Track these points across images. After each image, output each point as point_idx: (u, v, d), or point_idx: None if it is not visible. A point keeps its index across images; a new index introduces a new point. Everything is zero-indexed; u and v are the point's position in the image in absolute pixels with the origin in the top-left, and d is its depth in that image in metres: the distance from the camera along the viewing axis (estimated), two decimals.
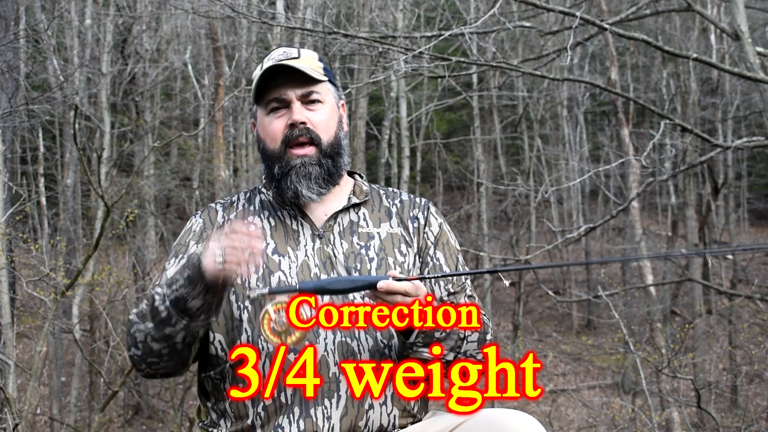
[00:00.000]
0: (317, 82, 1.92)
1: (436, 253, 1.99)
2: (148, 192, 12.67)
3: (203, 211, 2.02)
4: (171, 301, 1.75)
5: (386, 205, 2.01)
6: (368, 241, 1.92)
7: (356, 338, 1.82)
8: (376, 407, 1.82)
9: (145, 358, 1.83)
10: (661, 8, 8.17)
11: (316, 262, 1.88)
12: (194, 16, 12.03)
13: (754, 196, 23.21)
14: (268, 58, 1.95)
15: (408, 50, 6.01)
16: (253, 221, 1.93)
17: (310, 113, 1.91)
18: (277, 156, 1.91)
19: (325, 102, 1.94)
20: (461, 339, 1.86)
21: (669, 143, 12.16)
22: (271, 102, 1.92)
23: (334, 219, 1.94)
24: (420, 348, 1.81)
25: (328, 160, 1.92)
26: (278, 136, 1.91)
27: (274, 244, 1.90)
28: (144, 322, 1.80)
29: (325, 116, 1.93)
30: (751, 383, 11.59)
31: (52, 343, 10.19)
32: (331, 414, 1.79)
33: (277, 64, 1.89)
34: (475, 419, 1.75)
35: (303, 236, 1.91)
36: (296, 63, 1.91)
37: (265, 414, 1.81)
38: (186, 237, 1.98)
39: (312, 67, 1.93)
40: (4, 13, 7.78)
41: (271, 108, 1.93)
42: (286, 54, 1.94)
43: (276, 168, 1.91)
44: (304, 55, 1.95)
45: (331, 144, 1.93)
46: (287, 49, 1.96)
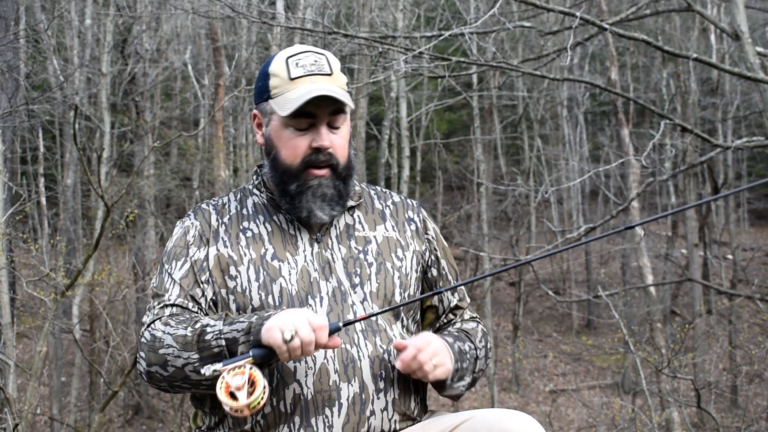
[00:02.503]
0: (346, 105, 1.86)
1: (441, 262, 2.01)
2: (148, 192, 12.68)
3: (195, 213, 1.97)
4: (226, 340, 1.72)
5: (379, 207, 1.99)
6: (366, 245, 1.91)
7: (356, 344, 1.81)
8: (377, 413, 1.81)
9: (172, 381, 1.79)
10: (661, 8, 8.17)
11: (315, 267, 1.86)
12: (194, 16, 12.03)
13: (754, 196, 23.21)
14: (298, 64, 1.86)
15: (408, 50, 6.01)
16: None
17: (333, 137, 1.86)
18: (295, 174, 1.86)
19: (346, 122, 1.90)
20: (475, 359, 1.92)
21: (669, 143, 12.16)
22: (299, 116, 1.84)
23: (330, 222, 1.92)
24: (458, 382, 1.87)
25: (340, 182, 1.88)
26: (299, 155, 1.85)
27: (272, 249, 1.87)
28: (187, 350, 1.74)
29: (344, 140, 1.89)
30: (751, 383, 11.60)
31: (52, 343, 10.19)
32: (332, 422, 1.77)
33: (327, 95, 1.80)
34: (475, 420, 1.75)
35: (301, 241, 1.89)
36: (332, 84, 1.84)
37: (265, 423, 1.79)
38: (184, 239, 1.92)
39: (342, 86, 1.87)
40: (4, 13, 7.78)
41: (296, 123, 1.86)
42: (318, 66, 1.86)
43: (293, 185, 1.87)
44: (335, 69, 1.87)
45: (345, 166, 1.89)
46: (317, 58, 1.87)
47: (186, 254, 1.89)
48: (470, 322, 2.02)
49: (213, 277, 1.86)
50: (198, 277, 1.86)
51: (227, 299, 1.84)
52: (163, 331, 1.77)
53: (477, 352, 1.92)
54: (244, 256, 1.86)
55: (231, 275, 1.85)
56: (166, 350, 1.76)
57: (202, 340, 1.73)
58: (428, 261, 1.99)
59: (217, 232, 1.91)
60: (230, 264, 1.86)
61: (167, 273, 1.88)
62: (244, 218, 1.93)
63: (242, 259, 1.86)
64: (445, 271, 2.01)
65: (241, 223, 1.92)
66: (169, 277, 1.87)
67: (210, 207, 1.97)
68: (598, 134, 20.73)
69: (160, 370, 1.77)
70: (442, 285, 1.99)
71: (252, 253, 1.86)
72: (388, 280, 1.87)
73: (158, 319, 1.81)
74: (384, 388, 1.82)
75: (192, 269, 1.87)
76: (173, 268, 1.88)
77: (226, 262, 1.86)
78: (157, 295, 1.87)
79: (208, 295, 1.85)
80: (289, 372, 1.78)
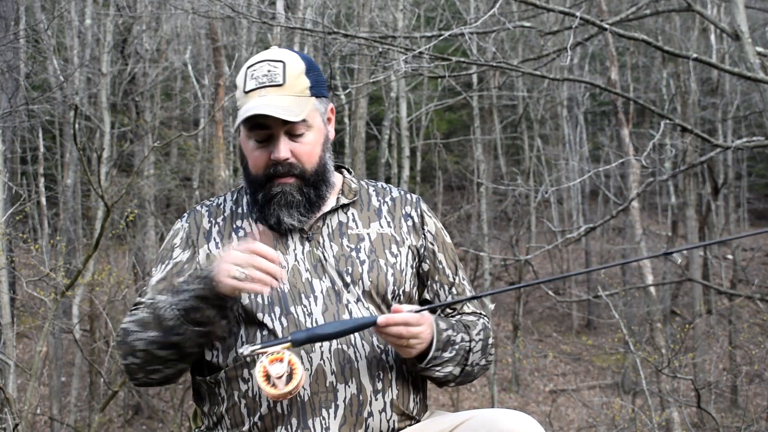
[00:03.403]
0: (300, 120, 1.82)
1: (438, 255, 1.98)
2: (148, 192, 12.67)
3: (189, 214, 1.99)
4: (180, 310, 1.74)
5: (375, 205, 1.97)
6: (358, 242, 1.89)
7: (353, 345, 1.80)
8: (375, 414, 1.80)
9: (144, 366, 1.81)
10: (661, 8, 8.17)
11: (307, 266, 1.85)
12: (194, 16, 12.03)
13: (754, 196, 23.22)
14: (252, 75, 1.84)
15: (408, 50, 6.01)
16: (263, 231, 1.89)
17: (294, 145, 1.84)
18: (260, 183, 1.87)
19: (311, 127, 1.86)
20: (467, 352, 1.88)
21: (669, 143, 12.17)
22: (254, 129, 1.84)
23: (322, 220, 1.90)
24: (433, 368, 1.84)
25: (310, 189, 1.87)
26: (261, 167, 1.85)
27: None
28: (146, 330, 1.78)
29: (309, 146, 1.85)
30: (751, 383, 11.60)
31: (52, 343, 10.19)
32: (329, 424, 1.76)
33: (260, 112, 1.78)
34: (475, 420, 1.75)
35: (292, 240, 1.88)
36: (280, 95, 1.82)
37: (262, 424, 1.79)
38: (171, 242, 1.95)
39: (297, 93, 1.83)
40: (4, 13, 7.78)
41: (254, 135, 1.85)
42: (270, 76, 1.83)
43: (260, 194, 1.87)
44: (290, 77, 1.83)
45: (315, 172, 1.87)
46: (271, 67, 1.84)
47: (170, 257, 1.92)
48: (470, 316, 2.00)
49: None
50: (173, 280, 1.88)
51: None
52: (127, 321, 1.83)
53: (470, 345, 1.89)
54: None
55: None
56: (131, 337, 1.80)
57: (157, 315, 1.76)
58: (422, 255, 1.96)
59: (210, 233, 1.92)
60: None
61: (150, 276, 1.93)
62: (238, 217, 1.93)
63: None
64: (442, 265, 1.98)
65: (234, 222, 1.93)
66: (149, 281, 1.91)
67: (204, 209, 1.98)
68: (598, 134, 20.73)
69: (133, 359, 1.81)
70: (437, 279, 1.97)
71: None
72: (381, 278, 1.86)
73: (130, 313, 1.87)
74: (382, 389, 1.81)
75: (171, 272, 1.89)
76: (156, 271, 1.92)
77: None
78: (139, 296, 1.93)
79: None
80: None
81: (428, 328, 1.78)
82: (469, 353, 1.89)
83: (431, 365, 1.82)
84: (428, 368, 1.83)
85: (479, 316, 2.01)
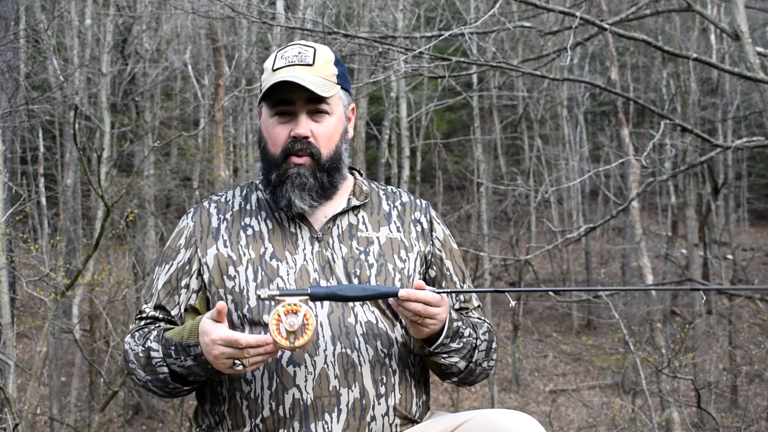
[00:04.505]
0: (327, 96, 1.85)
1: (446, 263, 1.98)
2: (148, 192, 12.67)
3: (195, 211, 1.98)
4: (171, 371, 1.79)
5: (385, 209, 1.97)
6: (368, 246, 1.89)
7: (356, 349, 1.79)
8: (378, 419, 1.80)
9: (148, 389, 1.88)
10: (661, 8, 8.17)
11: (315, 267, 1.85)
12: (194, 16, 12.03)
13: (754, 196, 23.21)
14: (282, 56, 1.87)
15: (408, 50, 6.00)
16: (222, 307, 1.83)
17: (314, 125, 1.85)
18: (276, 163, 1.87)
19: (332, 113, 1.88)
20: (473, 348, 1.89)
21: (669, 143, 12.15)
22: (278, 105, 1.86)
23: (333, 221, 1.90)
24: (440, 354, 1.84)
25: (324, 174, 1.87)
26: (279, 144, 1.86)
27: (272, 248, 1.86)
28: (141, 369, 1.83)
29: (329, 129, 1.87)
30: (751, 383, 11.58)
31: (52, 343, 10.19)
32: (332, 428, 1.76)
33: (289, 80, 1.81)
34: (475, 420, 1.75)
35: (301, 239, 1.88)
36: (309, 73, 1.83)
37: (264, 427, 1.79)
38: (177, 242, 1.94)
39: (325, 76, 1.86)
40: (4, 13, 7.78)
41: (277, 111, 1.87)
42: (300, 57, 1.86)
43: (274, 174, 1.87)
44: (320, 60, 1.86)
45: (330, 158, 1.88)
46: (302, 50, 1.88)
47: (174, 257, 1.92)
48: (476, 319, 2.01)
49: (212, 278, 1.87)
50: (179, 282, 1.88)
51: (225, 299, 1.84)
52: (129, 345, 1.86)
53: (476, 342, 1.89)
54: (244, 256, 1.86)
55: (230, 275, 1.85)
56: (131, 365, 1.85)
57: (150, 364, 1.80)
58: (430, 261, 1.96)
59: (218, 230, 1.91)
60: (229, 264, 1.86)
61: (154, 277, 1.93)
62: (247, 214, 1.92)
63: (241, 259, 1.85)
64: (449, 272, 1.98)
65: (243, 219, 1.91)
66: (153, 284, 1.92)
67: (212, 205, 1.97)
68: (598, 134, 20.73)
69: (134, 377, 1.87)
70: (444, 286, 1.97)
71: (251, 253, 1.86)
72: (389, 282, 1.85)
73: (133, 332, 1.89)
74: (385, 393, 1.81)
75: (176, 273, 1.89)
76: (160, 272, 1.92)
77: (226, 262, 1.86)
78: (144, 302, 1.94)
79: (182, 304, 1.88)
80: (289, 377, 1.77)
81: (444, 312, 1.77)
82: (474, 350, 1.89)
83: (439, 351, 1.82)
84: (435, 353, 1.83)
85: (484, 322, 2.02)
